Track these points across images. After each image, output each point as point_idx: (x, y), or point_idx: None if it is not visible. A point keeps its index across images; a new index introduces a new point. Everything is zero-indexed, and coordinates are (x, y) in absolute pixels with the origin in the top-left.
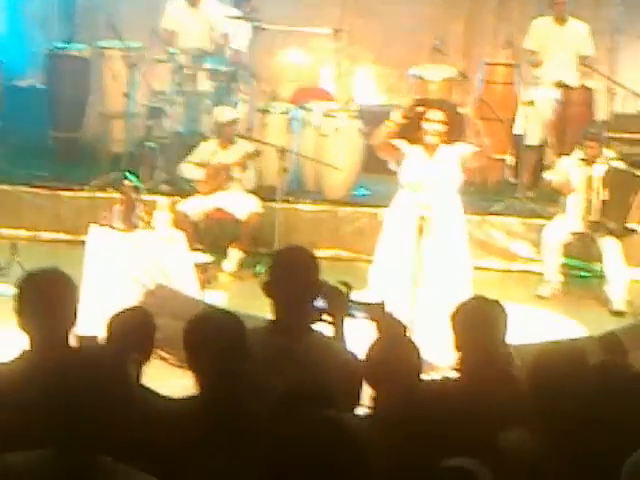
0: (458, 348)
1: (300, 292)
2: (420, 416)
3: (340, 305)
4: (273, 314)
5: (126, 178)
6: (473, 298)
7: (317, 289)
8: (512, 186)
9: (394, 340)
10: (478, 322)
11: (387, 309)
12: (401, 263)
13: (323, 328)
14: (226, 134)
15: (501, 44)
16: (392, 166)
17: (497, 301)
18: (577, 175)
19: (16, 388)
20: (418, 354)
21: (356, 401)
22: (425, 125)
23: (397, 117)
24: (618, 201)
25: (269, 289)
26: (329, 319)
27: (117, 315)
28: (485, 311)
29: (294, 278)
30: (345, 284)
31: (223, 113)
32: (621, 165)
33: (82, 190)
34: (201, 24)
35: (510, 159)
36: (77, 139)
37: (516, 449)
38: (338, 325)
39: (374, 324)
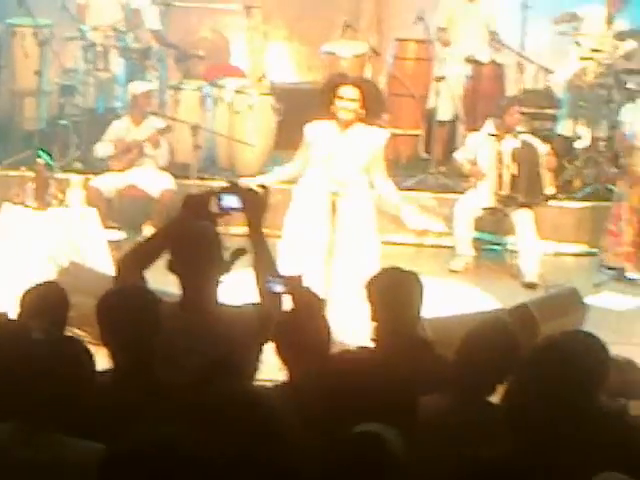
0: (374, 319)
1: (202, 269)
2: (334, 385)
3: (256, 205)
4: (180, 290)
5: (39, 156)
6: (388, 269)
7: (221, 264)
8: (424, 161)
9: (309, 313)
10: (394, 292)
11: (304, 283)
12: (314, 239)
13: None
14: (140, 107)
15: (412, 20)
16: None
17: (413, 272)
18: (486, 151)
19: None
20: (329, 331)
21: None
22: (337, 102)
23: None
24: (529, 174)
25: (172, 266)
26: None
27: (29, 290)
28: (401, 281)
29: (195, 255)
30: (263, 187)
31: (137, 86)
32: (530, 138)
33: None
34: (114, 1)
35: (422, 134)
36: None
37: (433, 413)
38: (256, 227)
39: (291, 296)
